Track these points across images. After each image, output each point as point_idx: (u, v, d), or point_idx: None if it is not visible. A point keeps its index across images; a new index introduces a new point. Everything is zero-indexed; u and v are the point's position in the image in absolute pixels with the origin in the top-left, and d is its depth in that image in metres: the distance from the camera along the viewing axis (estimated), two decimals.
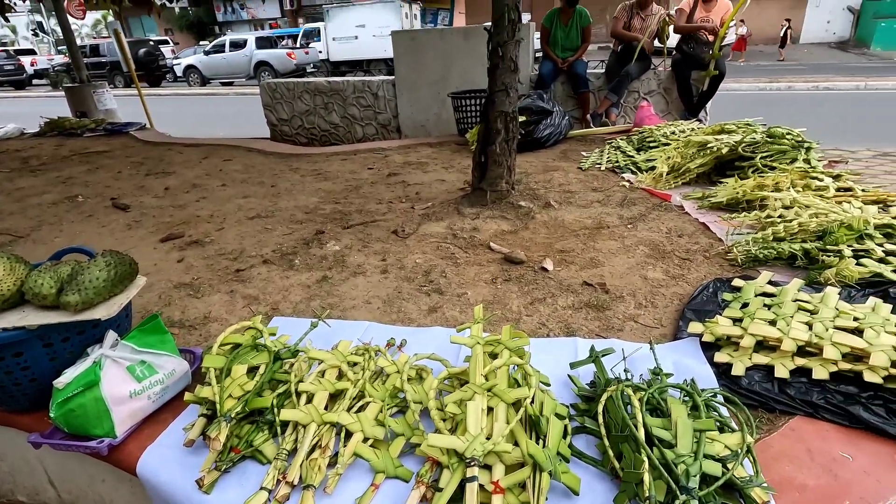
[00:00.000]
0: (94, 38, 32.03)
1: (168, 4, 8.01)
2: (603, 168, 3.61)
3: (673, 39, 4.68)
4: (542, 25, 5.03)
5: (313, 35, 18.96)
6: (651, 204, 2.89)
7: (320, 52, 17.84)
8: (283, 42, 19.74)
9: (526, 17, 21.83)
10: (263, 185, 3.70)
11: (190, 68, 19.08)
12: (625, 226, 2.60)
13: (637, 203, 2.92)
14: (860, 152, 4.96)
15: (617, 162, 3.60)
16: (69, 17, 8.58)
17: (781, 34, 16.68)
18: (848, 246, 1.96)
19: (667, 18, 4.58)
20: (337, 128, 5.97)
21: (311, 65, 18.38)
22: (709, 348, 1.57)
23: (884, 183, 4.03)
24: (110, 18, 30.35)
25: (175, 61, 20.26)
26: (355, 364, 1.49)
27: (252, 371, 1.43)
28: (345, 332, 1.77)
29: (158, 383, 1.41)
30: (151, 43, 21.03)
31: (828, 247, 1.98)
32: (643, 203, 2.92)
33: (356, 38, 17.29)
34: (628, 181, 3.28)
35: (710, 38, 4.45)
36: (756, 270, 2.07)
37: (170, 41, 27.86)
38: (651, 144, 3.70)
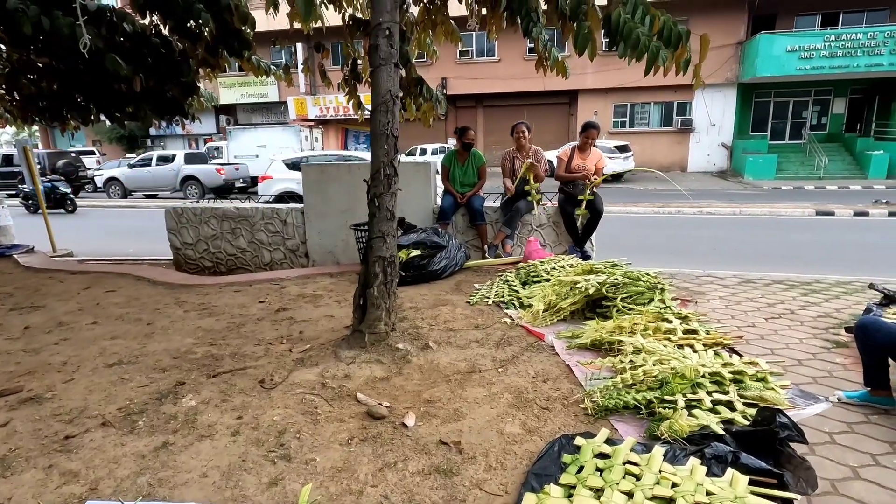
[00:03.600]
0: (14, 145, 31.16)
1: (83, 126, 7.98)
2: (490, 302, 3.75)
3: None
4: (442, 164, 5.50)
5: (213, 153, 20.59)
6: (526, 343, 3.00)
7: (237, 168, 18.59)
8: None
9: (453, 141, 23.91)
10: (139, 323, 3.50)
11: (111, 180, 18.75)
12: (496, 369, 2.65)
13: (513, 342, 3.01)
14: (728, 279, 5.54)
15: (503, 297, 3.77)
16: None
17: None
18: (682, 395, 2.09)
19: (530, 165, 5.10)
20: (244, 252, 5.93)
21: (241, 180, 18.68)
22: None
23: (746, 309, 4.46)
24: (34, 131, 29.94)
25: (97, 173, 19.93)
26: None
27: None
28: None
29: None
30: (73, 154, 20.68)
31: (665, 396, 2.10)
32: (519, 342, 3.02)
33: (257, 156, 18.77)
34: (510, 317, 3.42)
35: (587, 180, 5.00)
36: (607, 420, 2.14)
37: (96, 152, 27.62)
38: (535, 279, 3.94)
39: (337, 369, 2.65)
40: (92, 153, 26.96)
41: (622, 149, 19.84)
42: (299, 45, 22.35)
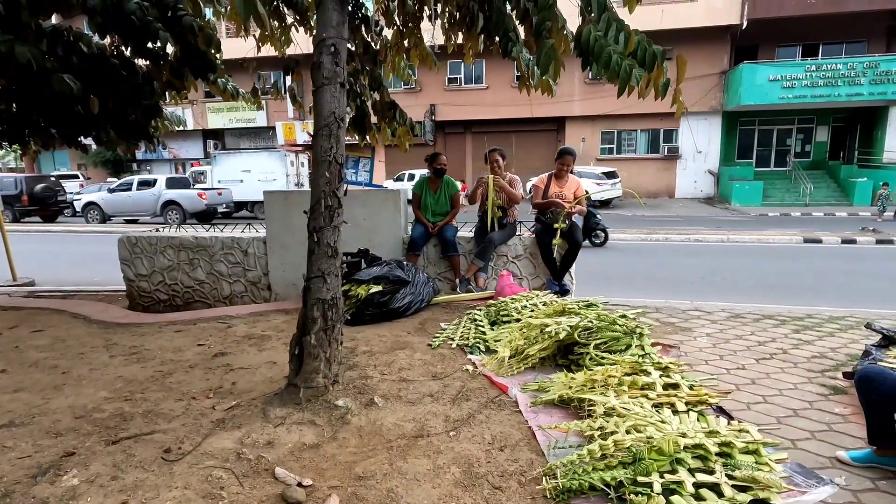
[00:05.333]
0: None
1: (44, 151, 7.64)
2: (455, 345, 3.39)
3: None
4: (413, 192, 5.20)
5: (199, 177, 20.32)
6: (487, 398, 2.63)
7: (220, 193, 18.21)
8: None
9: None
10: (55, 371, 3.09)
11: (90, 205, 18.33)
12: (447, 433, 2.28)
13: (472, 396, 2.64)
14: (716, 313, 5.22)
15: (468, 339, 3.41)
16: None
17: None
18: (659, 475, 1.74)
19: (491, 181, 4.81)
20: (202, 284, 5.53)
21: (224, 205, 18.33)
22: None
23: (735, 348, 4.13)
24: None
25: (76, 197, 19.51)
26: None
27: None
28: None
29: None
30: (52, 178, 20.31)
31: (638, 477, 1.74)
32: (479, 396, 2.65)
33: (241, 181, 18.50)
34: (473, 364, 3.05)
35: (567, 207, 4.70)
36: None
37: (80, 176, 27.26)
38: (504, 318, 3.59)
39: (261, 433, 2.26)
40: (76, 177, 26.60)
41: (610, 175, 19.80)
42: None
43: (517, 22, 4.06)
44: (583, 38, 3.05)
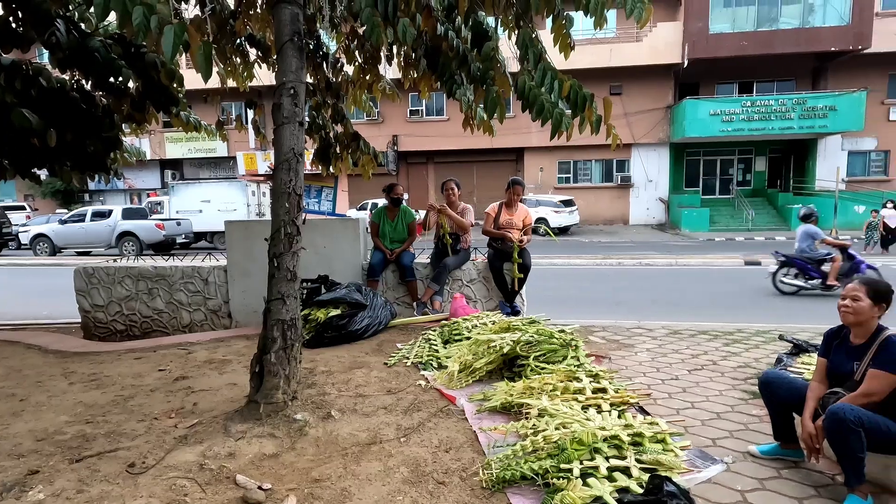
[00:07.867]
0: None
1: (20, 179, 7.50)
2: (409, 363, 3.60)
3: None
4: (371, 221, 5.46)
5: (155, 208, 20.01)
6: (437, 408, 2.85)
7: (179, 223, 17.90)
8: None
9: (407, 196, 24.17)
10: (12, 399, 3.12)
11: (39, 237, 17.67)
12: (398, 439, 2.48)
13: (423, 407, 2.86)
14: (657, 330, 5.61)
15: (422, 357, 3.63)
16: None
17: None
18: (579, 462, 1.99)
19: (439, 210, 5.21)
20: (161, 314, 5.55)
21: (183, 235, 18.04)
22: None
23: (671, 361, 4.48)
24: None
25: (23, 229, 18.78)
26: None
27: None
28: None
29: None
30: None
31: (562, 465, 2.00)
32: (430, 406, 2.86)
33: (201, 211, 18.35)
34: (426, 379, 3.27)
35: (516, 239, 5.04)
36: (503, 493, 2.00)
37: (27, 207, 26.24)
38: (457, 337, 3.84)
39: (223, 447, 2.40)
40: (22, 208, 25.58)
41: (567, 203, 20.61)
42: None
43: (456, 68, 4.43)
44: (518, 86, 3.42)
